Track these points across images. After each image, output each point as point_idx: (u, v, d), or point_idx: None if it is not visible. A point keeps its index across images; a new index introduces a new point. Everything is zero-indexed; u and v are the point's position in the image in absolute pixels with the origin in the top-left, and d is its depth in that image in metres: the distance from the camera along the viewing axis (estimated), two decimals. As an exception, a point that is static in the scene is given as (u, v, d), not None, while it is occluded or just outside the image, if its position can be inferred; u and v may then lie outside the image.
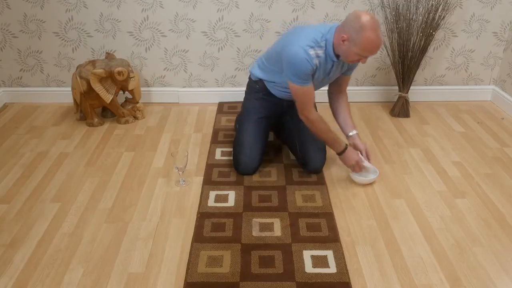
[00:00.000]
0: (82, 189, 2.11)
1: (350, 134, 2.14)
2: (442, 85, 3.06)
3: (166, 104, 3.02)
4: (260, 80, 2.17)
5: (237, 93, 2.96)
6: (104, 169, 2.27)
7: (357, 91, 3.03)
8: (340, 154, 2.08)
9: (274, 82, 2.12)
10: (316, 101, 2.05)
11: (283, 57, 1.92)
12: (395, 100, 2.87)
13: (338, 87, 2.17)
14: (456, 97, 3.07)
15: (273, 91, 2.17)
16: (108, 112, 2.81)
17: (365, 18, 1.73)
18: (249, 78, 2.27)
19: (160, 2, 2.72)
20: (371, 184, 2.15)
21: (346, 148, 2.07)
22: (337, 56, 1.91)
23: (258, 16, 2.78)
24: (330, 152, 2.22)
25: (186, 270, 1.64)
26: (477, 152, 2.44)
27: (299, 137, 2.20)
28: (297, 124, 2.20)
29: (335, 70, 2.00)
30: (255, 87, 2.22)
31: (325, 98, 2.24)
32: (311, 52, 1.86)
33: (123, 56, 2.87)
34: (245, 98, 2.31)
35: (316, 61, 1.88)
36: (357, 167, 2.09)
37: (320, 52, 1.89)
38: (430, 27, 2.61)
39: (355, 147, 2.14)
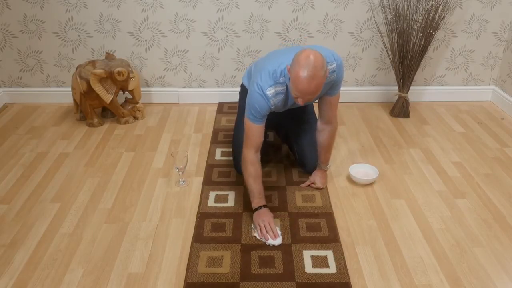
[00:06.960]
0: (82, 189, 2.11)
1: (319, 166, 2.10)
2: (442, 85, 3.06)
3: (166, 104, 3.02)
4: None
5: (237, 93, 2.93)
6: (104, 169, 2.27)
7: (357, 91, 3.03)
8: (254, 210, 1.89)
9: None
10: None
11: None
12: (395, 100, 2.87)
13: (324, 115, 1.98)
14: (456, 97, 3.07)
15: None
16: (108, 112, 2.81)
17: (305, 54, 1.59)
18: (241, 84, 2.24)
19: (160, 2, 2.72)
20: (371, 184, 2.15)
21: (261, 207, 1.88)
22: None
23: (258, 16, 2.78)
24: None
25: (186, 270, 1.64)
26: (477, 152, 2.43)
27: (295, 139, 2.20)
28: (294, 127, 2.19)
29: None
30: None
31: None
32: (270, 91, 1.76)
33: (123, 56, 2.87)
34: (240, 98, 2.27)
35: (274, 100, 1.78)
36: (264, 229, 1.80)
37: (280, 89, 1.78)
38: (430, 27, 2.61)
39: (313, 176, 2.12)
